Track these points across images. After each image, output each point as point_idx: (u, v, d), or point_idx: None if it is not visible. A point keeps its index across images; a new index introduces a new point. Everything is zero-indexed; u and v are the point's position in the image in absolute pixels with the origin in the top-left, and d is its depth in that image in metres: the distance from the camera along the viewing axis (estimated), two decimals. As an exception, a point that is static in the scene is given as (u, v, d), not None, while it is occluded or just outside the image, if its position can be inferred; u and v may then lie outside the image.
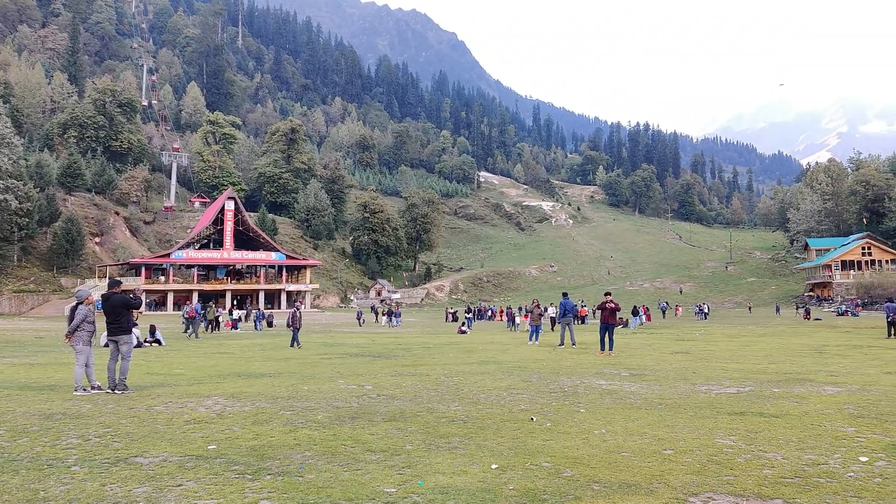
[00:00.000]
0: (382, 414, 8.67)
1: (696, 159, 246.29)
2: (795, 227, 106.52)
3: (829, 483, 5.40)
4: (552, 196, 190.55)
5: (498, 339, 27.89)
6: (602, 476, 5.62)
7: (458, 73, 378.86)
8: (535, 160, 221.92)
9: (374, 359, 17.63)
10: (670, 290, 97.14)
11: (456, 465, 6.01)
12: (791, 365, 15.42)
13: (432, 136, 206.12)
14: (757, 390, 10.83)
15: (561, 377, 12.82)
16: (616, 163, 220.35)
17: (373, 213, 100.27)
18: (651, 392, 10.69)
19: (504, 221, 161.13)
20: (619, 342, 24.16)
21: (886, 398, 9.83)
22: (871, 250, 79.79)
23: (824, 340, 24.97)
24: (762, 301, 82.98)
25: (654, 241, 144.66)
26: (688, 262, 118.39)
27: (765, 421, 8.08)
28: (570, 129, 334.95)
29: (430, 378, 12.76)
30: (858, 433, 7.35)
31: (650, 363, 16.02)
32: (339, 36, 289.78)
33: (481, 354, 18.94)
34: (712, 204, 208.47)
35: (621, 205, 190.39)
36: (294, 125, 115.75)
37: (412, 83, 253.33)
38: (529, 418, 8.27)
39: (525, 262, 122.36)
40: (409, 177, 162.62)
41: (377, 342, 25.15)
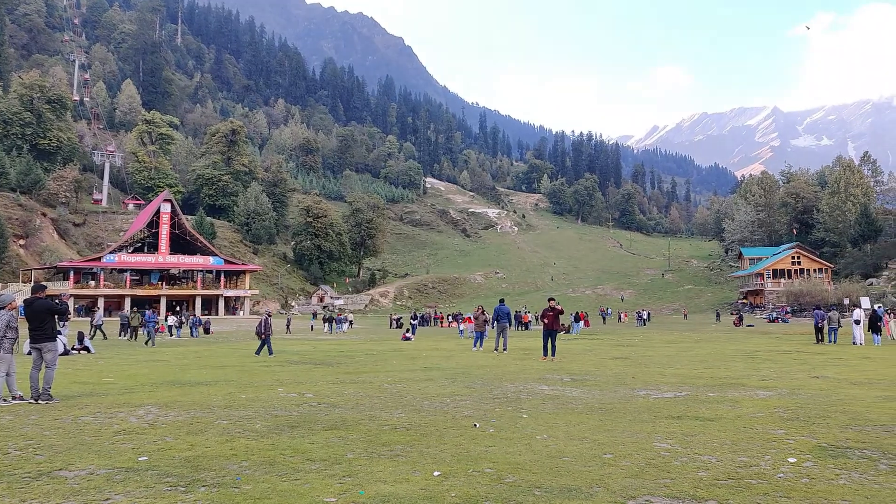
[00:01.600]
0: (323, 422, 8.54)
1: (636, 170, 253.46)
2: (730, 237, 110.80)
3: (760, 484, 5.59)
4: (498, 203, 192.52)
5: (443, 345, 27.91)
6: (543, 481, 5.67)
7: (405, 78, 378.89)
8: (482, 167, 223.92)
9: (315, 366, 17.37)
10: (611, 296, 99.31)
11: (398, 472, 5.96)
12: (725, 370, 15.96)
13: (378, 140, 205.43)
14: (693, 395, 11.17)
15: (505, 383, 12.91)
16: (560, 171, 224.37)
17: (316, 217, 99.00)
18: (592, 397, 10.88)
19: (450, 228, 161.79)
20: (562, 347, 24.53)
21: (814, 402, 10.28)
22: (801, 259, 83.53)
23: (756, 346, 25.94)
24: (698, 308, 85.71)
25: (596, 248, 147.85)
26: (628, 270, 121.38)
27: (700, 424, 8.33)
28: (515, 137, 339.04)
29: (372, 385, 12.66)
30: (788, 435, 7.65)
31: (591, 368, 16.31)
32: (284, 37, 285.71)
33: (425, 361, 18.91)
34: (652, 213, 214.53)
35: (565, 213, 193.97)
36: (235, 126, 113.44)
37: (358, 87, 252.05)
38: (472, 424, 8.28)
39: (471, 268, 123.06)
40: (354, 181, 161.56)
41: (319, 349, 24.81)
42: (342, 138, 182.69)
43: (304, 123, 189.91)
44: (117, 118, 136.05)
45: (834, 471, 6.01)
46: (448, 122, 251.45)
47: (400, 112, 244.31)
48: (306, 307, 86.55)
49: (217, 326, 49.21)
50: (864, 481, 5.66)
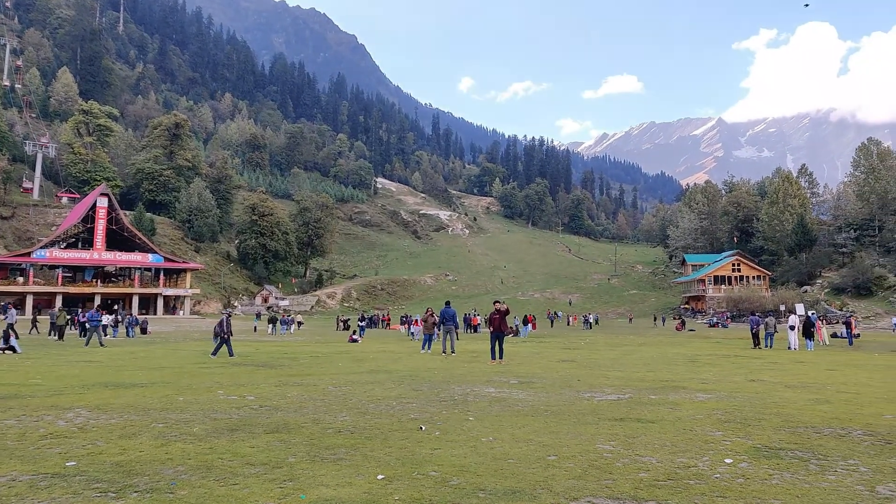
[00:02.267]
0: (264, 426, 8.39)
1: (586, 176, 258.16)
2: (674, 244, 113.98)
3: (698, 484, 5.75)
4: (450, 205, 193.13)
5: (390, 347, 27.81)
6: (488, 483, 5.70)
7: (357, 76, 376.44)
8: (434, 169, 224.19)
9: (257, 368, 17.06)
10: (559, 300, 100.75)
11: (341, 476, 5.91)
12: (667, 373, 16.39)
13: (328, 138, 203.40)
14: (636, 397, 11.42)
15: (452, 385, 12.94)
16: (512, 175, 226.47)
17: (262, 215, 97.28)
18: (538, 399, 11.00)
19: (400, 229, 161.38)
20: (510, 350, 24.75)
21: (750, 404, 10.64)
22: (741, 267, 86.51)
23: (697, 350, 26.73)
24: (643, 312, 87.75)
25: (546, 252, 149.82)
26: (576, 274, 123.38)
27: (642, 426, 8.52)
28: (468, 139, 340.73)
29: (317, 388, 12.51)
30: (725, 437, 7.89)
31: (538, 371, 16.50)
32: (232, 30, 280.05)
33: (372, 363, 18.80)
34: (600, 219, 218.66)
35: (516, 217, 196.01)
36: (179, 119, 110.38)
37: (309, 83, 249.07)
38: (418, 427, 8.28)
39: (421, 270, 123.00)
40: (303, 180, 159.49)
41: (261, 351, 24.38)
42: (291, 135, 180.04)
43: (252, 119, 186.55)
44: (52, 107, 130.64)
45: (768, 471, 6.23)
46: (401, 123, 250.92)
47: (351, 110, 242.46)
48: (250, 307, 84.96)
49: (155, 326, 47.84)
50: (796, 481, 5.88)
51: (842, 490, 5.57)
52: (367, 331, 44.49)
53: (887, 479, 5.92)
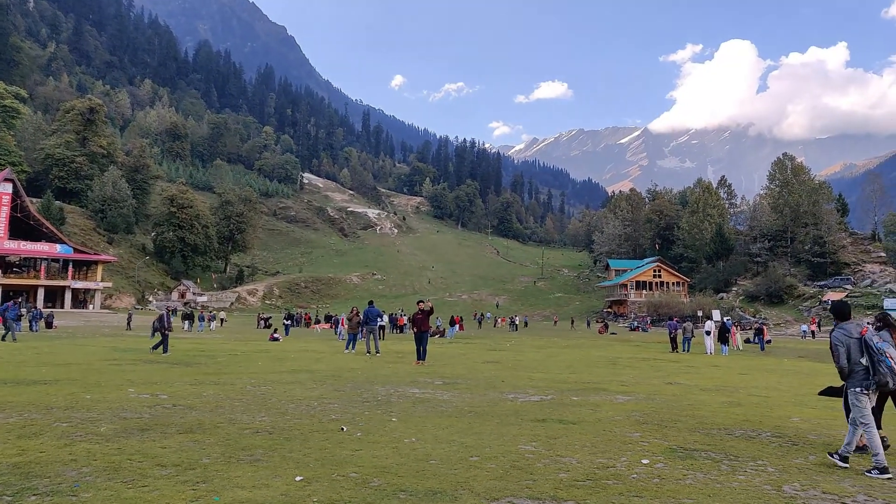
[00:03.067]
0: (177, 425, 8.13)
1: (516, 179, 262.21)
2: (599, 249, 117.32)
3: (616, 484, 5.92)
4: (378, 204, 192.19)
5: (313, 347, 27.40)
6: (409, 485, 5.70)
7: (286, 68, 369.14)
8: (363, 166, 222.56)
9: (171, 366, 16.47)
10: (487, 301, 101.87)
11: (257, 478, 5.79)
12: (589, 375, 16.82)
13: (254, 131, 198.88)
14: (558, 398, 11.66)
15: (375, 386, 12.87)
16: (442, 176, 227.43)
17: (181, 207, 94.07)
18: (462, 400, 11.08)
19: (327, 226, 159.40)
20: (436, 351, 24.82)
21: (667, 406, 11.05)
22: (661, 273, 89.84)
23: (618, 353, 27.56)
24: (567, 315, 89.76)
25: (474, 254, 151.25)
26: (503, 276, 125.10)
27: (563, 427, 8.70)
28: (399, 138, 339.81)
29: (234, 387, 12.19)
30: (643, 438, 8.16)
31: (463, 372, 16.62)
32: (154, 13, 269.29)
33: (294, 363, 18.48)
34: (528, 222, 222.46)
35: (445, 217, 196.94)
36: (93, 104, 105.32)
37: (235, 73, 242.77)
38: (340, 428, 8.19)
39: (347, 268, 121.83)
40: (226, 172, 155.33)
41: (177, 348, 23.55)
42: (214, 126, 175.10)
43: (173, 107, 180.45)
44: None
45: (682, 471, 6.48)
46: (330, 118, 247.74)
47: (279, 103, 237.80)
48: (166, 303, 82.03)
49: (62, 321, 45.48)
50: (708, 480, 6.14)
51: (751, 490, 5.86)
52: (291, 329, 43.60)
53: (793, 479, 6.26)
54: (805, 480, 6.23)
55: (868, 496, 5.74)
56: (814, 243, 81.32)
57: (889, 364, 6.52)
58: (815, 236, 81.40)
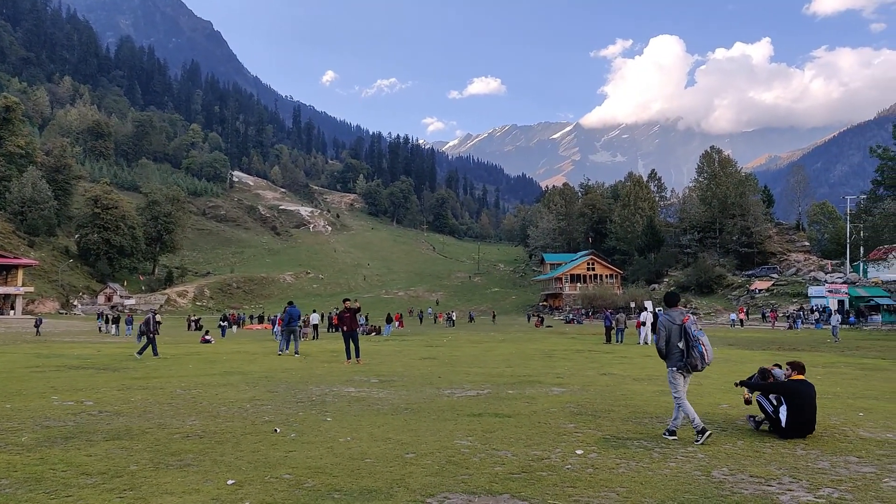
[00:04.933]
0: (104, 433, 7.86)
1: (451, 175, 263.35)
2: (534, 243, 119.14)
3: (550, 476, 6.04)
4: (311, 201, 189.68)
5: (246, 348, 26.83)
6: (344, 484, 5.68)
7: (213, 64, 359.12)
8: (295, 163, 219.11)
9: (98, 371, 15.84)
10: (423, 298, 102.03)
11: (187, 483, 5.67)
12: (525, 368, 17.08)
13: (180, 128, 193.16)
14: (494, 392, 11.80)
15: (310, 386, 12.71)
16: (376, 173, 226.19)
17: (105, 208, 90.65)
18: (398, 398, 11.07)
19: (258, 225, 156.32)
20: (371, 349, 24.72)
21: (601, 397, 11.34)
22: (595, 266, 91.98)
23: (554, 346, 28.08)
24: (504, 310, 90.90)
25: (410, 251, 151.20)
26: (440, 273, 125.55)
27: (499, 421, 8.81)
28: (331, 134, 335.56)
29: (164, 391, 11.82)
30: (577, 429, 8.35)
31: (399, 369, 16.61)
32: (73, 7, 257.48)
33: (226, 365, 18.05)
34: (464, 218, 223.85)
35: (380, 214, 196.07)
36: (9, 102, 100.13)
37: (159, 69, 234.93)
38: (273, 430, 8.08)
39: (280, 268, 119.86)
40: (152, 171, 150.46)
41: (104, 353, 22.67)
42: (139, 124, 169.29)
43: (95, 105, 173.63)
44: None
45: (615, 460, 6.66)
46: (259, 114, 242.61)
47: (206, 100, 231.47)
48: (91, 307, 78.89)
49: (-26, 330, 43.04)
50: (640, 468, 6.34)
51: (681, 476, 6.07)
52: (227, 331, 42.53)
53: (721, 464, 6.51)
54: (733, 465, 6.49)
55: (793, 478, 6.03)
56: (741, 234, 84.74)
57: (700, 350, 7.43)
58: (742, 227, 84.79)
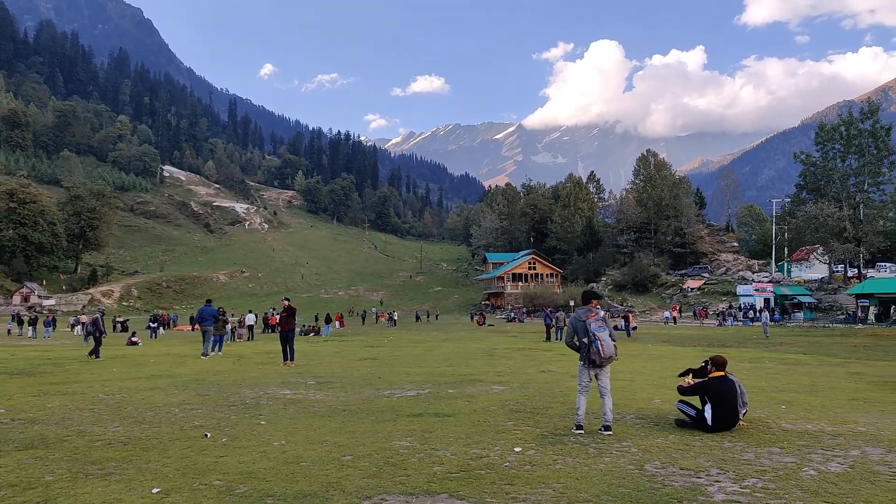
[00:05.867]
0: (16, 441, 7.48)
1: (393, 173, 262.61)
2: (477, 242, 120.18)
3: (489, 474, 6.07)
4: (247, 198, 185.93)
5: (176, 350, 26.07)
6: (277, 489, 5.57)
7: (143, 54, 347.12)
8: (230, 158, 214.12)
9: (11, 376, 15.08)
10: (364, 297, 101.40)
11: (109, 493, 5.45)
12: (466, 367, 17.16)
13: (107, 120, 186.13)
14: (435, 392, 11.80)
15: (243, 389, 12.43)
16: (316, 169, 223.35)
17: (22, 203, 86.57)
18: (336, 399, 10.94)
19: (191, 222, 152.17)
20: (309, 350, 24.41)
21: (540, 394, 11.47)
22: (536, 265, 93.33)
23: (495, 344, 28.34)
24: (447, 309, 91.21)
25: (351, 249, 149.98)
26: (382, 272, 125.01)
27: (439, 420, 8.81)
28: (269, 129, 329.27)
29: (85, 397, 11.34)
30: (516, 426, 8.42)
31: (338, 370, 16.44)
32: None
33: (153, 368, 17.47)
34: (407, 217, 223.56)
35: (320, 212, 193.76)
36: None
37: (83, 57, 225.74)
38: (203, 435, 7.86)
39: (213, 266, 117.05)
40: (75, 164, 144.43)
41: (18, 356, 21.61)
42: (61, 114, 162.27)
43: (11, 93, 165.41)
44: None
45: (553, 457, 6.75)
46: (193, 107, 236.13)
47: (135, 91, 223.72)
48: (5, 308, 75.26)
49: None
50: (577, 464, 6.44)
51: (616, 470, 6.20)
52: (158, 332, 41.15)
53: (654, 458, 6.68)
54: (665, 458, 6.67)
55: (720, 469, 6.23)
56: (675, 235, 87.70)
57: (596, 345, 7.88)
58: (676, 228, 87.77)
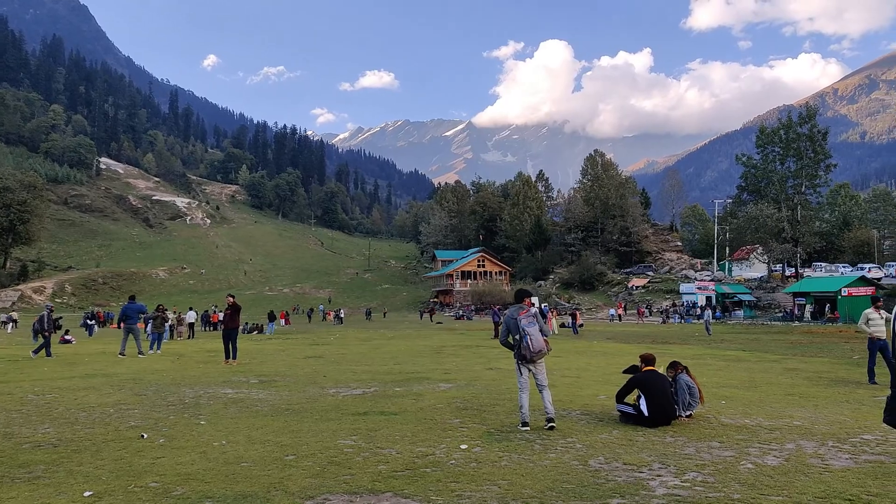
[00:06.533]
0: (-65, 446, 7.11)
1: (341, 169, 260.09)
2: (426, 240, 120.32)
3: (435, 472, 6.07)
4: (188, 192, 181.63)
5: (112, 348, 25.25)
6: (217, 490, 5.46)
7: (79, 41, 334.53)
8: (171, 151, 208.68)
9: (-68, 378, 14.37)
10: (310, 295, 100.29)
11: (36, 498, 5.26)
12: (413, 365, 17.15)
13: (39, 109, 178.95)
14: (381, 390, 11.75)
15: (183, 388, 12.14)
16: (261, 163, 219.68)
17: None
18: (279, 398, 10.79)
19: (129, 216, 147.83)
20: (253, 348, 24.04)
21: (486, 391, 11.55)
22: (485, 263, 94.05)
23: (443, 342, 28.40)
24: (395, 306, 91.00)
25: (297, 246, 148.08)
26: (328, 269, 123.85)
27: (385, 419, 8.78)
28: (212, 122, 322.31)
29: (12, 397, 10.89)
30: (462, 424, 8.45)
31: (282, 369, 16.22)
32: None
33: (88, 367, 16.90)
34: (354, 213, 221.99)
35: (264, 207, 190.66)
36: None
37: (13, 43, 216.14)
38: (139, 435, 7.65)
39: (153, 262, 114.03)
40: (4, 155, 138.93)
41: (-59, 358, 20.62)
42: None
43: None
44: None
45: (499, 454, 6.79)
46: (132, 97, 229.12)
47: (70, 79, 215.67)
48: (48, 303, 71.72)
49: None
50: (522, 461, 6.49)
51: (560, 466, 6.29)
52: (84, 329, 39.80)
53: (598, 454, 6.80)
54: (609, 454, 6.79)
55: (662, 464, 6.37)
56: (621, 234, 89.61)
57: (526, 341, 8.08)
58: (622, 227, 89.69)
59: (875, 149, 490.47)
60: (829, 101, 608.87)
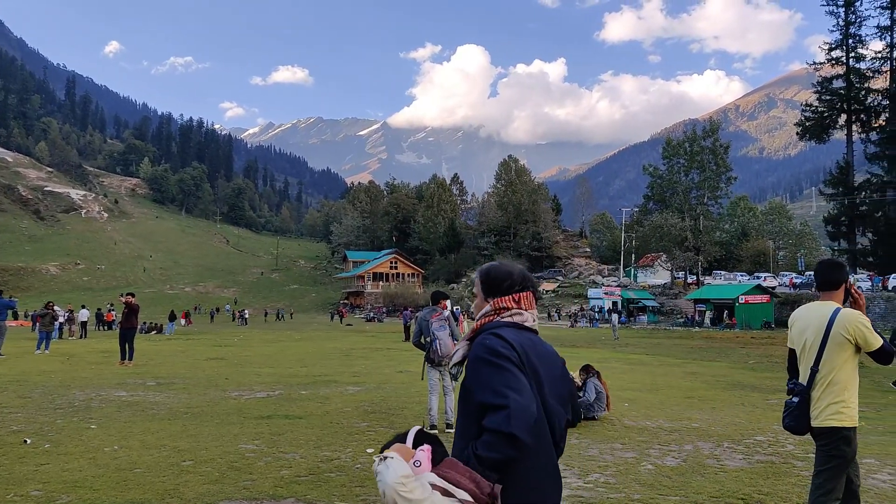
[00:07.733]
0: None
1: (249, 165, 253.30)
2: (337, 240, 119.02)
3: (339, 476, 6.00)
4: (84, 184, 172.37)
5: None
6: (106, 498, 5.22)
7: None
8: (66, 140, 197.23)
9: None
10: (214, 294, 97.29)
11: None
12: (321, 367, 16.91)
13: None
14: (286, 393, 11.52)
15: (73, 391, 11.50)
16: (164, 157, 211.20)
17: None
18: (178, 401, 10.39)
19: (17, 207, 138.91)
20: (151, 349, 23.06)
21: (396, 394, 11.53)
22: (398, 264, 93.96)
23: (353, 344, 28.18)
24: (303, 307, 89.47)
25: (200, 243, 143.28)
26: (234, 267, 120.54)
27: (289, 423, 8.61)
28: (112, 111, 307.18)
29: None
30: (370, 427, 8.40)
31: (181, 371, 15.65)
32: None
33: (-36, 369, 15.73)
34: (263, 211, 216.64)
35: (167, 202, 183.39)
36: None
37: None
38: (22, 441, 7.19)
39: (43, 257, 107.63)
40: None
41: None
42: None
43: None
44: None
45: (405, 456, 6.77)
46: (24, 82, 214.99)
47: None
48: None
49: None
50: (429, 462, 6.49)
51: (466, 466, 6.32)
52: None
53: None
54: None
55: (566, 466, 6.53)
56: (533, 239, 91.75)
57: (436, 344, 8.25)
58: (533, 232, 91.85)
59: (772, 164, 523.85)
60: (732, 116, 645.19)
